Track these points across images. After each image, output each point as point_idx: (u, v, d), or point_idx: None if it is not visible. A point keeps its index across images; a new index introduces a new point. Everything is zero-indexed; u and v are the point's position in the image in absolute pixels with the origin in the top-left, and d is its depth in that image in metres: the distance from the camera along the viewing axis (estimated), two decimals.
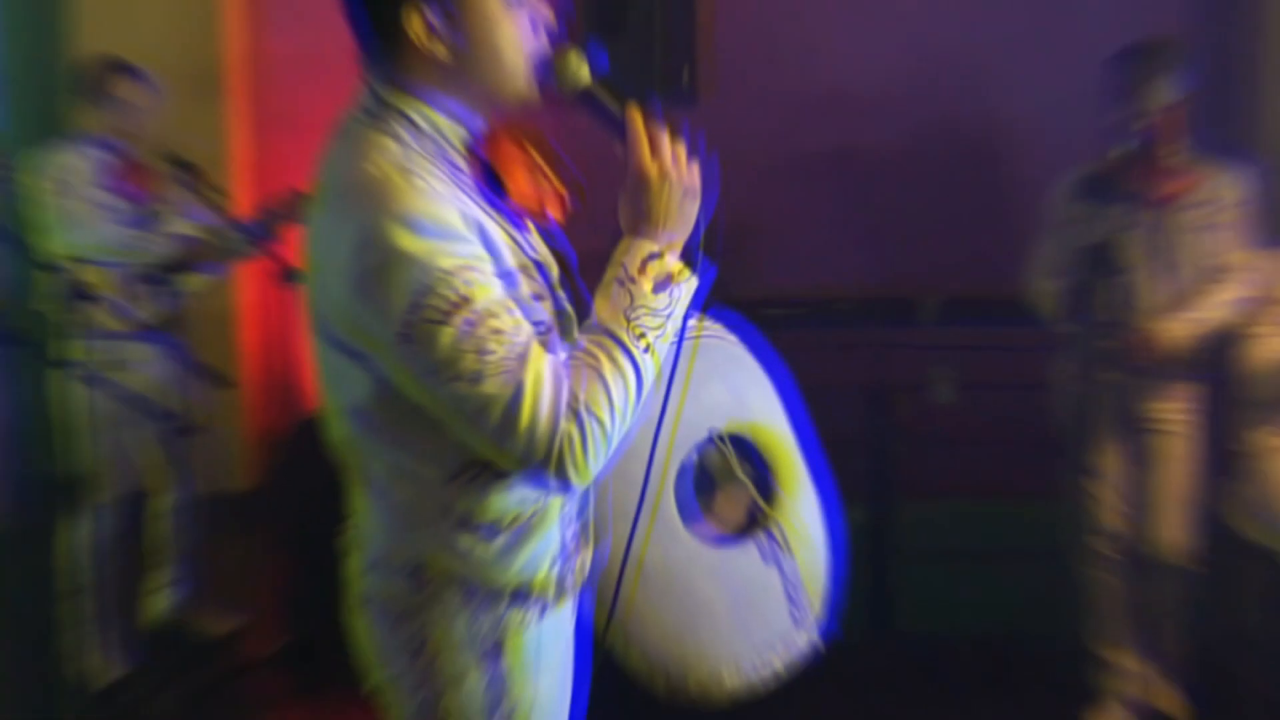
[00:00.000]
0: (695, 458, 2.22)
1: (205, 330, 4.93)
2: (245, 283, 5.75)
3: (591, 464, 1.59)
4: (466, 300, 1.52)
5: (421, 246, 1.52)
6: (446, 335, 1.52)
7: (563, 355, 1.61)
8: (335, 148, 1.69)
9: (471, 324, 1.52)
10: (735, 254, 5.03)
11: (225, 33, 5.66)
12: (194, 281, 4.28)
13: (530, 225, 1.78)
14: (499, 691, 1.78)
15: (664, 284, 1.66)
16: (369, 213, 1.55)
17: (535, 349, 1.56)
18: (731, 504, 2.26)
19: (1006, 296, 4.00)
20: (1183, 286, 3.70)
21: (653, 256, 1.67)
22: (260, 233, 4.32)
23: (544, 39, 1.74)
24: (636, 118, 1.69)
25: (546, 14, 1.74)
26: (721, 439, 2.23)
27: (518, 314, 1.58)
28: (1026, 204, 4.02)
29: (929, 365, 4.49)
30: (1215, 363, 3.81)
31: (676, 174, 1.68)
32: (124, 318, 3.99)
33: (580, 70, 1.72)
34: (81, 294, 3.42)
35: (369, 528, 1.80)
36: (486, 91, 1.72)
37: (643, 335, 1.64)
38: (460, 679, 1.77)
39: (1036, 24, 5.05)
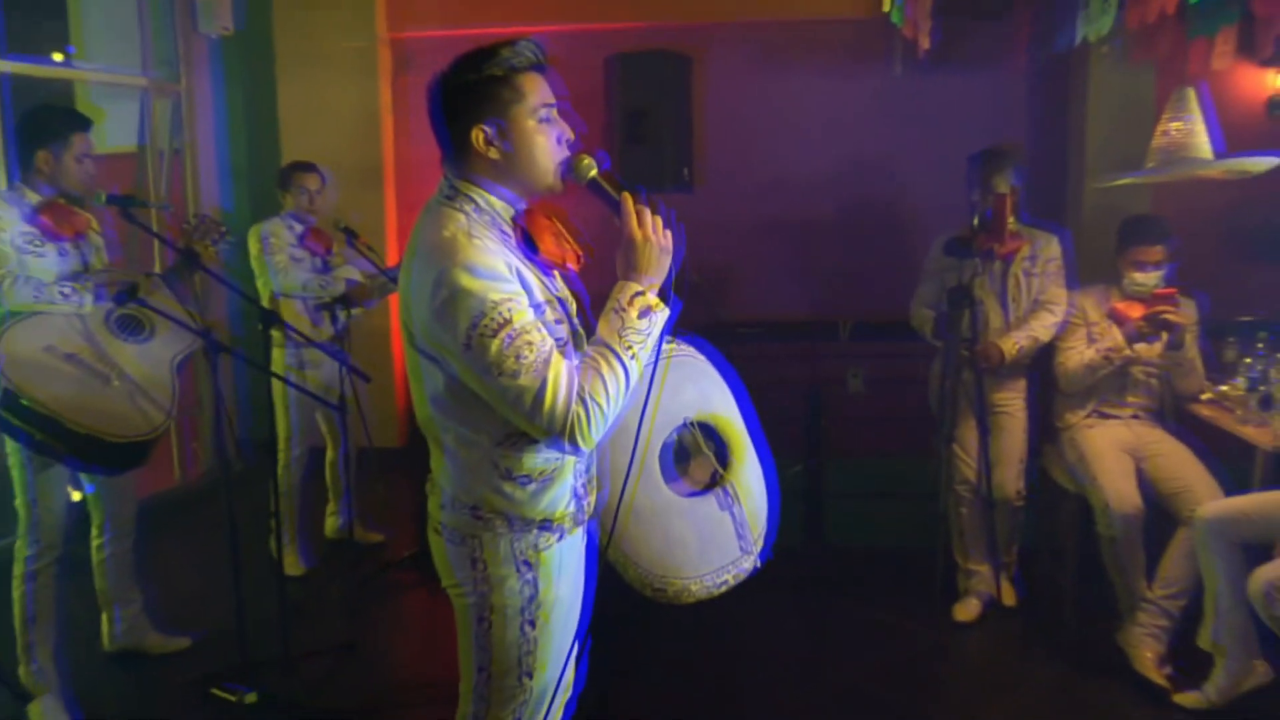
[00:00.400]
0: (674, 437, 2.20)
1: (367, 341, 4.94)
2: (395, 308, 5.74)
3: (594, 434, 1.65)
4: (508, 321, 1.60)
5: (477, 285, 1.60)
6: (495, 345, 1.59)
7: (575, 361, 1.67)
8: (423, 219, 1.77)
9: (511, 338, 1.59)
10: (719, 290, 5.03)
11: (383, 141, 5.66)
12: (358, 310, 4.26)
13: (555, 273, 1.82)
14: (532, 592, 1.81)
15: (645, 313, 1.70)
16: (444, 262, 1.62)
17: (556, 356, 1.62)
18: (699, 469, 2.25)
19: (898, 320, 3.96)
20: (1016, 315, 3.68)
21: (638, 294, 1.70)
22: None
23: (565, 148, 1.79)
24: (628, 200, 1.73)
25: (568, 131, 1.79)
26: (692, 424, 2.22)
27: (544, 332, 1.63)
28: (912, 256, 3.98)
29: (846, 367, 4.45)
30: (1039, 366, 3.77)
31: (655, 239, 1.71)
32: (308, 335, 3.99)
33: (590, 169, 1.78)
34: (274, 319, 3.41)
35: (443, 477, 1.83)
36: (525, 184, 1.79)
37: (630, 347, 1.68)
38: (503, 581, 1.80)
39: (924, 134, 5.02)
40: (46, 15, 4.93)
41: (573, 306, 1.84)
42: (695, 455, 2.25)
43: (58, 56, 4.89)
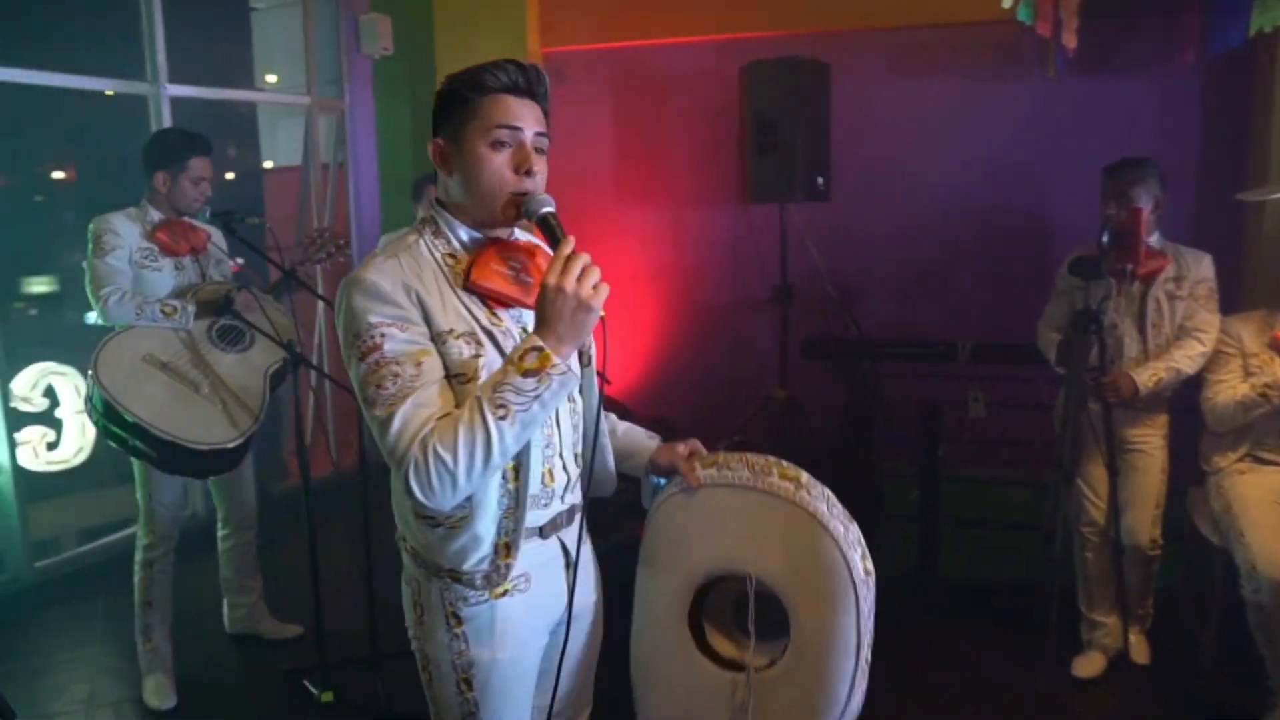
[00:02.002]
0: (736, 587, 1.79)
1: None
2: None
3: (437, 488, 1.42)
4: (378, 347, 1.46)
5: (359, 304, 1.48)
6: (362, 369, 1.47)
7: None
8: None
9: (375, 364, 1.46)
10: (850, 305, 4.63)
11: None
12: None
13: (498, 309, 1.58)
14: (458, 649, 1.62)
15: (533, 373, 1.42)
16: (349, 278, 1.51)
17: (417, 394, 1.45)
18: (727, 640, 1.85)
19: (1027, 343, 3.49)
20: (1157, 344, 3.13)
21: (535, 349, 1.42)
22: None
23: (525, 179, 1.54)
24: (564, 245, 1.45)
25: (531, 163, 1.54)
26: (751, 579, 1.75)
27: (422, 367, 1.47)
28: (1048, 274, 3.49)
29: (967, 389, 3.96)
30: (1183, 401, 3.20)
31: (572, 291, 1.41)
32: None
33: (544, 205, 1.52)
34: None
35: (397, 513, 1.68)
36: (474, 209, 1.57)
37: (502, 407, 1.42)
38: (433, 633, 1.63)
39: (1075, 143, 4.43)
40: (234, 43, 5.14)
41: (516, 341, 1.59)
42: (732, 619, 1.83)
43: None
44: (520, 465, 1.57)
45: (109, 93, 4.33)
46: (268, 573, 3.71)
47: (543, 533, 1.66)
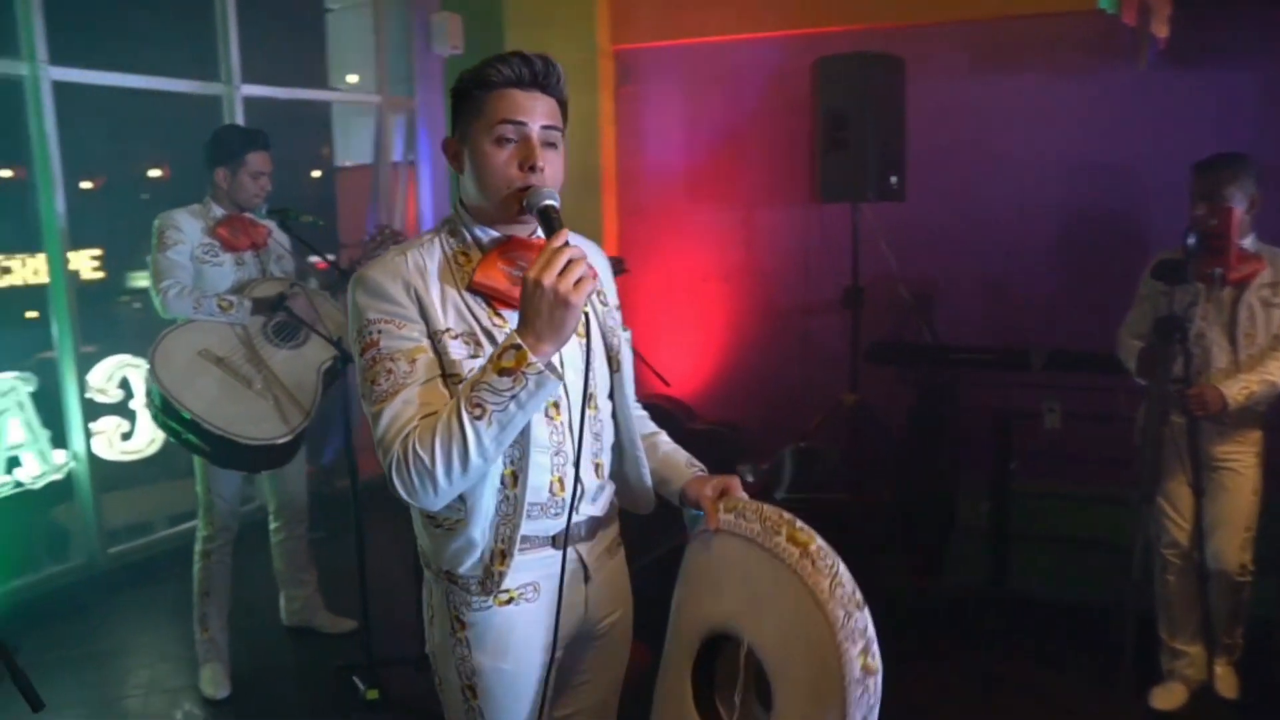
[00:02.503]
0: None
1: None
2: None
3: (418, 488, 1.40)
4: (374, 343, 1.47)
5: (361, 300, 1.49)
6: (361, 364, 1.49)
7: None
8: None
9: (373, 360, 1.47)
10: (926, 308, 4.46)
11: (603, 152, 5.55)
12: None
13: (502, 309, 1.53)
14: (461, 654, 1.59)
15: (509, 372, 1.36)
16: (357, 273, 1.53)
17: (407, 390, 1.44)
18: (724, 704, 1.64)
19: (1107, 351, 3.28)
20: (1249, 354, 2.90)
21: (514, 348, 1.36)
22: None
23: (529, 174, 1.49)
24: (553, 239, 1.39)
25: (535, 158, 1.48)
26: (742, 644, 1.51)
27: (409, 364, 1.45)
28: (1131, 278, 3.28)
29: (1042, 399, 3.76)
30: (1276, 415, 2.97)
31: (551, 286, 1.34)
32: None
33: (545, 199, 1.47)
34: None
35: None
36: (483, 206, 1.54)
37: (479, 406, 1.37)
38: (439, 636, 1.62)
39: (1166, 140, 4.17)
40: (309, 44, 5.22)
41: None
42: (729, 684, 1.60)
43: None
44: (519, 471, 1.52)
45: (189, 93, 4.43)
46: (325, 567, 3.73)
47: (555, 542, 1.59)
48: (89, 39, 4.07)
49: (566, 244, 1.38)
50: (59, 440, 3.95)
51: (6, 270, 4.23)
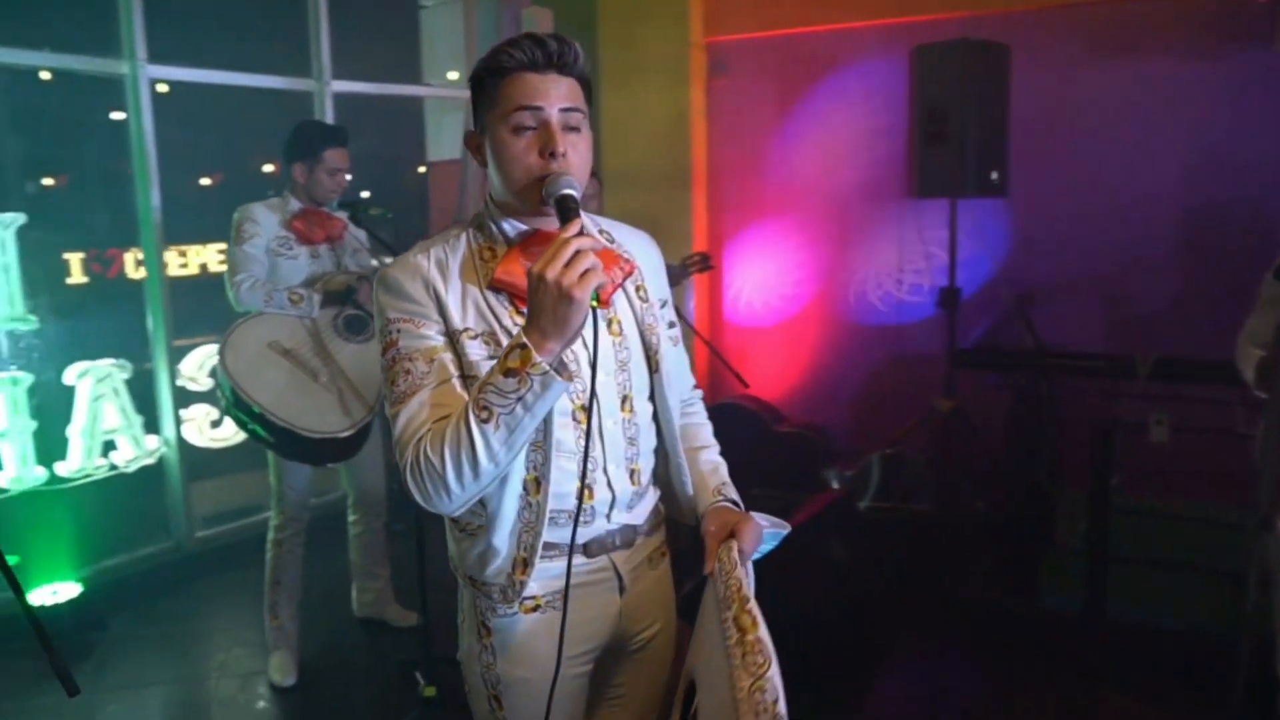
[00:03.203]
0: None
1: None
2: (699, 315, 5.53)
3: (432, 492, 1.35)
4: (394, 343, 1.43)
5: (382, 299, 1.46)
6: (382, 361, 1.45)
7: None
8: None
9: (393, 360, 1.43)
10: (1027, 311, 4.21)
11: (693, 146, 5.44)
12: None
13: (525, 307, 1.42)
14: (486, 661, 1.55)
15: (514, 373, 1.29)
16: (381, 271, 1.50)
17: (424, 392, 1.39)
18: None
19: (1217, 360, 3.02)
20: None
21: (519, 348, 1.28)
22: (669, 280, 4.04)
23: (550, 161, 1.41)
24: (566, 229, 1.30)
25: (555, 144, 1.40)
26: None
27: (435, 364, 1.41)
28: (1253, 282, 2.99)
29: (1148, 410, 3.47)
30: None
31: (554, 280, 1.25)
32: None
33: (564, 187, 1.38)
34: None
35: None
36: (506, 198, 1.47)
37: (486, 409, 1.31)
38: (467, 641, 1.60)
39: None
40: (403, 40, 5.28)
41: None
42: None
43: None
44: (542, 478, 1.44)
45: (283, 89, 4.53)
46: (397, 560, 3.75)
47: (588, 550, 1.53)
48: (186, 37, 4.19)
49: (580, 234, 1.28)
50: (152, 426, 4.09)
51: (182, 259, 4.42)
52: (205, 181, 5.70)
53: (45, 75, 4.17)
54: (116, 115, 4.69)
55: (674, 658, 1.73)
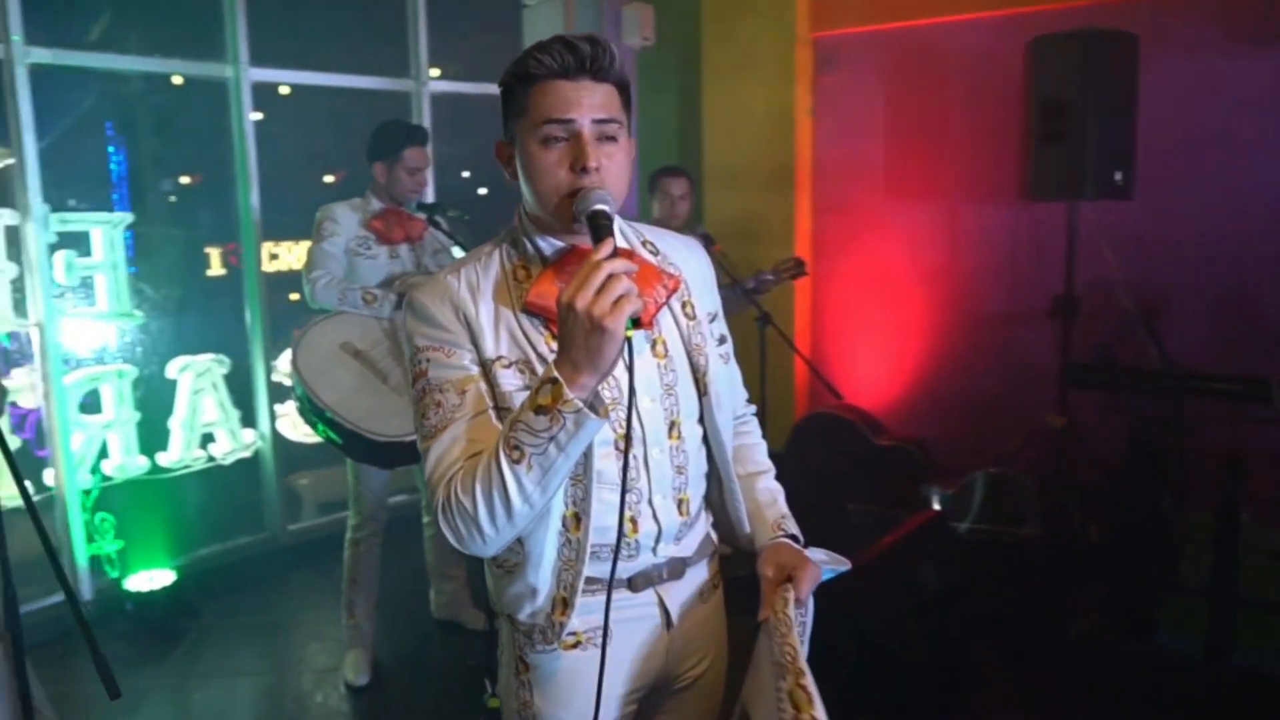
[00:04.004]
0: None
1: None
2: (800, 321, 5.35)
3: (465, 534, 1.26)
4: (424, 374, 1.34)
5: (410, 325, 1.37)
6: (412, 393, 1.37)
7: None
8: None
9: (423, 391, 1.34)
10: (1152, 324, 3.88)
11: (797, 145, 5.25)
12: None
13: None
14: (524, 698, 1.46)
15: (545, 410, 1.18)
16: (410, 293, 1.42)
17: (455, 426, 1.30)
18: None
19: None
20: None
21: (550, 382, 1.19)
22: (755, 289, 3.90)
23: (582, 176, 1.29)
24: (598, 250, 1.19)
25: (588, 157, 1.29)
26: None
27: (459, 396, 1.31)
28: None
29: None
30: None
31: (584, 310, 1.15)
32: None
33: (597, 202, 1.27)
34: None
35: None
36: (536, 210, 1.36)
37: (517, 447, 1.21)
38: (506, 676, 1.50)
39: None
40: (504, 39, 5.26)
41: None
42: None
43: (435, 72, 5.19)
44: (582, 514, 1.35)
45: (383, 90, 4.57)
46: (474, 562, 3.70)
47: (632, 585, 1.43)
48: (286, 40, 4.26)
49: (613, 255, 1.17)
50: (248, 420, 4.18)
51: (274, 256, 4.56)
52: (329, 179, 5.86)
53: (178, 80, 4.32)
54: (255, 116, 4.86)
55: (724, 693, 1.61)
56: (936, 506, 4.20)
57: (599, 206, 1.26)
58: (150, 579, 3.75)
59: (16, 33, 3.40)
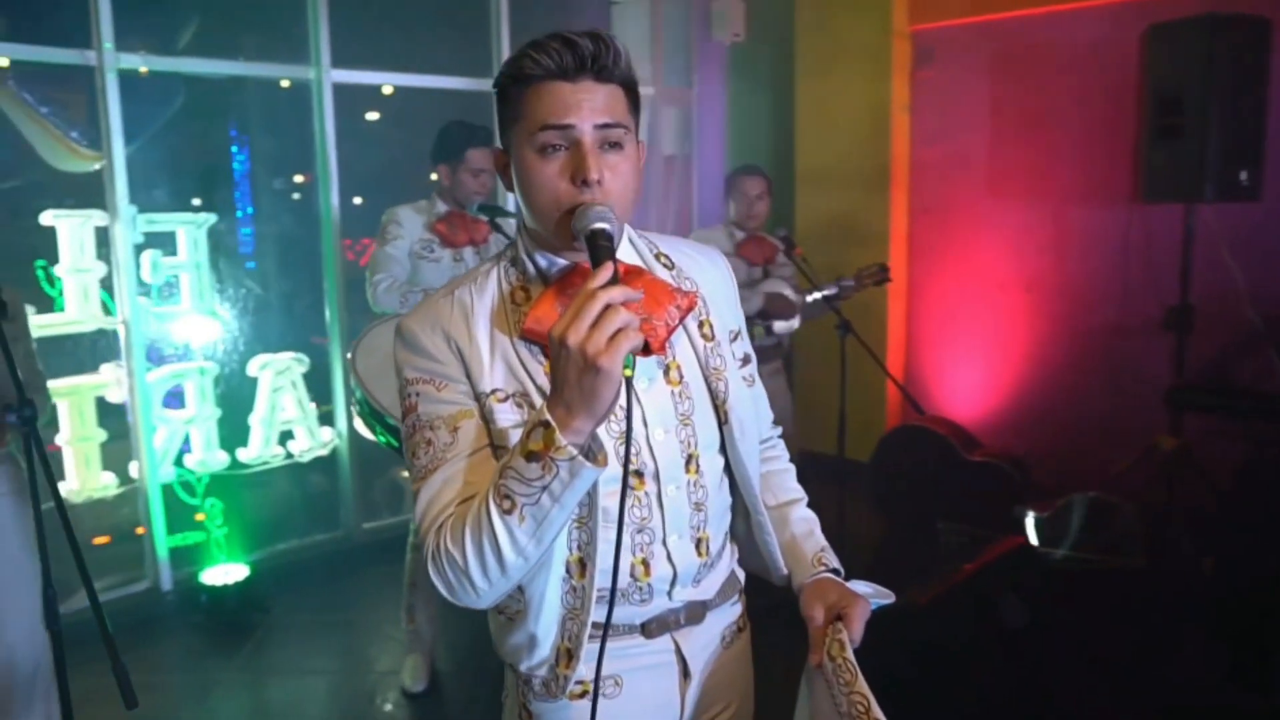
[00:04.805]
0: None
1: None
2: (894, 328, 5.09)
3: (455, 585, 1.14)
4: (414, 408, 1.22)
5: (400, 354, 1.25)
6: (404, 429, 1.25)
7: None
8: None
9: (413, 428, 1.22)
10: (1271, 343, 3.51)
11: (893, 143, 4.99)
12: (785, 327, 3.73)
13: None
14: None
15: (536, 456, 1.06)
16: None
17: (447, 467, 1.18)
18: None
19: None
20: None
21: (542, 425, 1.07)
22: (836, 295, 3.69)
23: (580, 188, 1.16)
24: (595, 276, 1.06)
25: (590, 169, 1.15)
26: None
27: (450, 434, 1.19)
28: None
29: None
30: None
31: (577, 346, 1.03)
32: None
33: (596, 220, 1.13)
34: None
35: None
36: (535, 225, 1.23)
37: (508, 496, 1.09)
38: (509, 717, 1.40)
39: None
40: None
41: None
42: None
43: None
44: (587, 559, 1.23)
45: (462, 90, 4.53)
46: None
47: (646, 631, 1.31)
48: (367, 41, 4.27)
49: (613, 281, 1.05)
50: (326, 418, 4.21)
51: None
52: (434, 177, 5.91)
53: (285, 83, 4.39)
54: (371, 116, 4.92)
55: None
56: (1030, 529, 3.91)
57: (598, 225, 1.13)
58: (226, 573, 3.80)
59: (108, 40, 3.49)
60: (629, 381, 1.06)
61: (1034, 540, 3.82)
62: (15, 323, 2.55)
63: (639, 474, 1.26)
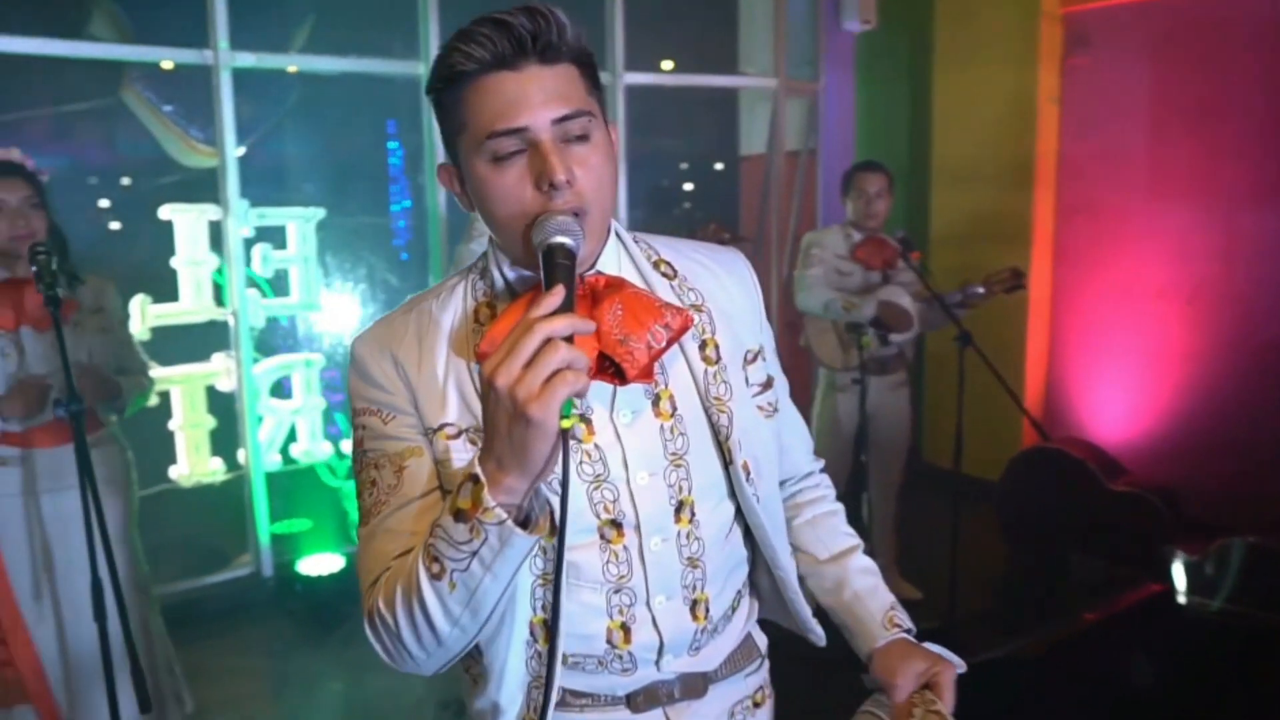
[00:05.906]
0: None
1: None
2: (1034, 339, 4.64)
3: (391, 650, 0.99)
4: (360, 443, 1.07)
5: (350, 380, 1.09)
6: (352, 465, 1.10)
7: None
8: None
9: (360, 465, 1.07)
10: None
11: (1039, 136, 4.53)
12: (900, 338, 3.41)
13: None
14: None
15: (464, 516, 0.89)
16: None
17: (387, 514, 1.02)
18: None
19: None
20: None
21: (470, 479, 0.90)
22: (960, 304, 3.35)
23: (546, 196, 0.97)
24: (538, 304, 0.87)
25: (554, 171, 0.95)
26: None
27: (395, 475, 1.02)
28: None
29: None
30: None
31: (506, 390, 0.85)
32: (826, 360, 3.57)
33: (551, 234, 0.95)
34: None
35: None
36: (503, 242, 1.05)
37: (436, 560, 0.93)
38: None
39: None
40: (719, 28, 4.95)
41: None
42: None
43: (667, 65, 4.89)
44: (550, 621, 1.05)
45: None
46: None
47: (632, 703, 1.11)
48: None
49: (563, 310, 0.86)
50: None
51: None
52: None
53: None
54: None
55: None
56: (1179, 574, 3.42)
57: (557, 240, 0.93)
58: (321, 563, 3.81)
59: (223, 39, 3.53)
60: (564, 435, 0.85)
61: (1181, 587, 3.35)
62: (103, 314, 2.57)
63: (617, 525, 1.06)
